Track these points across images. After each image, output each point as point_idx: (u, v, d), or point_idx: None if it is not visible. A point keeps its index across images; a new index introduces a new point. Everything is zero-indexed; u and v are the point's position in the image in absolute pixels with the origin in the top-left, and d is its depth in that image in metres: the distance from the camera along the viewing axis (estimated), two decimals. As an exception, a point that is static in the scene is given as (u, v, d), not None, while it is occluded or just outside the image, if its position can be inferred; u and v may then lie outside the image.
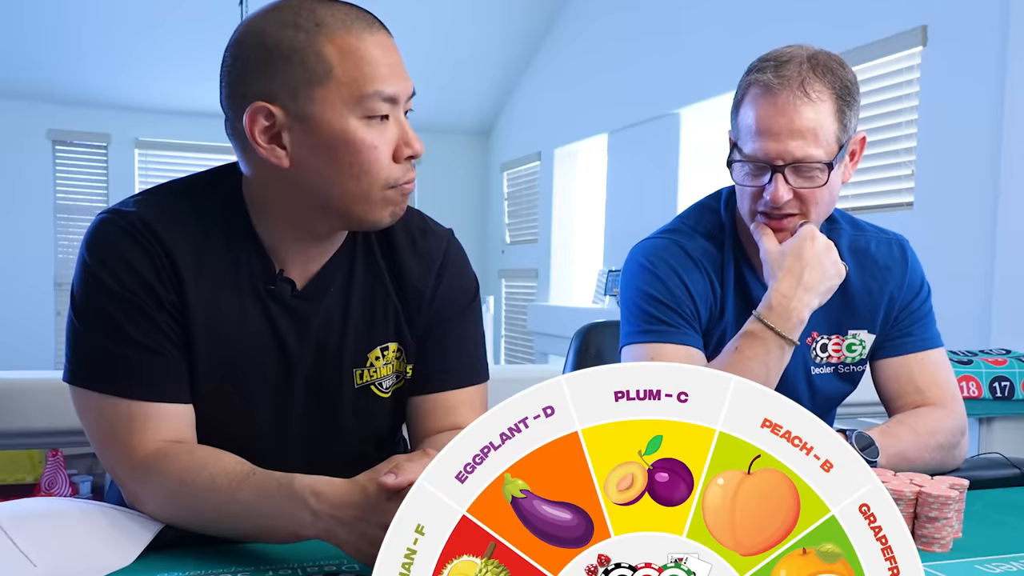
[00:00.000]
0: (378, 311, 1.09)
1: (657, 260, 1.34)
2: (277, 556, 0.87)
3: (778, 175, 1.22)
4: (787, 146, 1.20)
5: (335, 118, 0.94)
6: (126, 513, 0.92)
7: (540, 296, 6.77)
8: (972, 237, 3.05)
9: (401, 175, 0.99)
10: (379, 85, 0.95)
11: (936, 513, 0.93)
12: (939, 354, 1.37)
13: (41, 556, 0.79)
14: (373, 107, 0.95)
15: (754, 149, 1.23)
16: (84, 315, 0.96)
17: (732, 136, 1.30)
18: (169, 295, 0.97)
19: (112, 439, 0.95)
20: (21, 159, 6.68)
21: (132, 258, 0.95)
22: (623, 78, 5.56)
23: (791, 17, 4.07)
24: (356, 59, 0.94)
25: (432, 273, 1.12)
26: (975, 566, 0.89)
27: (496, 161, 7.79)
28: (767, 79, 1.22)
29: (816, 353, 1.36)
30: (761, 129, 1.22)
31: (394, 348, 1.11)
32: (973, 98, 3.07)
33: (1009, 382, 2.41)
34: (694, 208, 1.43)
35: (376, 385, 1.10)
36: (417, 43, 6.19)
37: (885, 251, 1.37)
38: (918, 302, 1.37)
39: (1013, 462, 1.30)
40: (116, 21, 5.85)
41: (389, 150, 0.98)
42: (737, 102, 1.28)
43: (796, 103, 1.20)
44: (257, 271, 1.02)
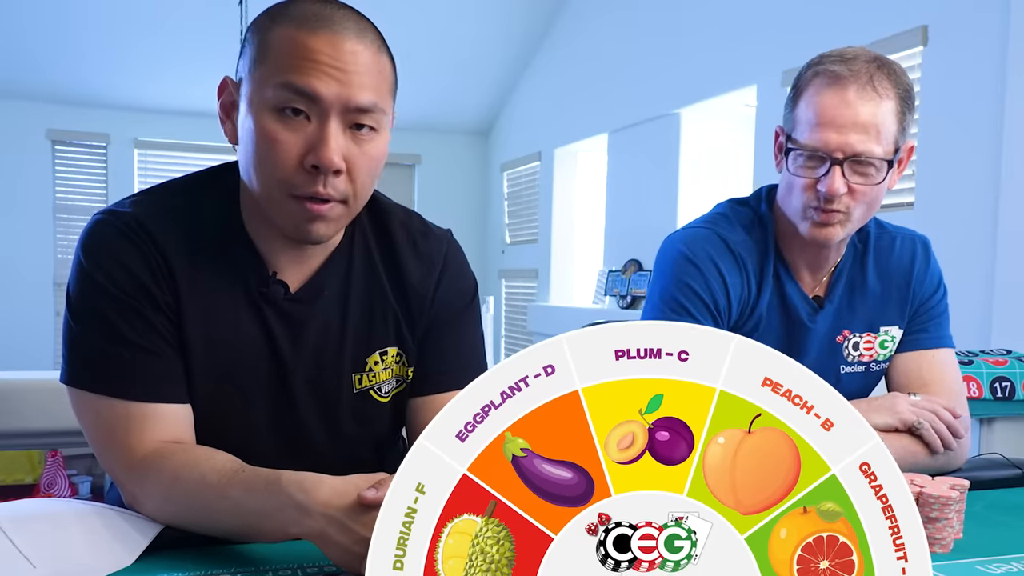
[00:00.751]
0: (377, 315, 1.07)
1: (698, 250, 1.31)
2: (277, 557, 0.86)
3: (836, 168, 1.20)
4: (849, 139, 1.19)
5: (257, 103, 0.92)
6: (126, 514, 0.91)
7: (540, 296, 6.77)
8: (973, 237, 3.05)
9: (302, 183, 0.92)
10: (293, 76, 0.89)
11: (937, 514, 0.93)
12: (949, 354, 1.38)
13: (40, 557, 0.79)
14: (283, 97, 0.90)
15: (814, 139, 1.21)
16: (80, 316, 0.95)
17: (785, 128, 1.28)
18: (164, 295, 0.96)
19: (110, 440, 0.94)
20: (21, 159, 6.67)
21: (127, 259, 0.95)
22: (623, 78, 5.57)
23: (792, 17, 4.07)
24: (288, 48, 0.90)
25: (433, 275, 1.10)
26: (976, 567, 0.88)
27: (496, 161, 7.79)
28: (836, 69, 1.21)
29: (848, 352, 1.36)
30: (824, 120, 1.20)
31: (393, 352, 1.09)
32: (974, 98, 3.07)
33: (1010, 382, 2.40)
34: (728, 203, 1.41)
35: (375, 390, 1.09)
36: (417, 43, 6.21)
37: (909, 248, 1.38)
38: (935, 299, 1.39)
39: (1014, 462, 1.30)
40: (116, 21, 5.85)
41: (295, 151, 0.91)
42: (796, 93, 1.26)
43: (864, 96, 1.19)
44: (250, 273, 1.01)
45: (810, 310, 1.34)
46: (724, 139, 4.90)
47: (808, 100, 1.23)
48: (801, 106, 1.24)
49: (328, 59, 0.90)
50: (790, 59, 4.02)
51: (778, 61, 4.10)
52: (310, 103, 0.90)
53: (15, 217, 6.64)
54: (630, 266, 5.39)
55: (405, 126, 7.23)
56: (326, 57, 0.90)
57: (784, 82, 4.08)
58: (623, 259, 5.49)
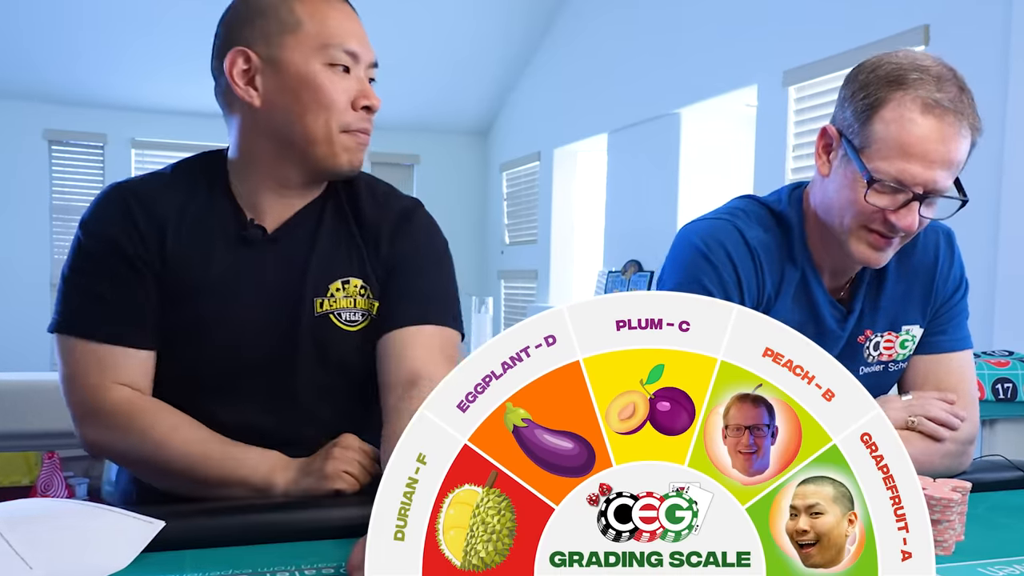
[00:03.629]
0: (342, 249, 1.17)
1: (714, 244, 1.23)
2: (276, 558, 0.86)
3: (915, 203, 1.12)
4: (935, 175, 1.11)
5: (301, 62, 1.09)
6: (123, 515, 0.91)
7: (540, 297, 6.77)
8: (974, 238, 3.04)
9: (355, 121, 1.12)
10: (340, 39, 1.10)
11: (939, 516, 0.92)
12: (967, 357, 1.32)
13: (37, 558, 0.79)
14: (335, 55, 1.10)
15: (899, 170, 1.11)
16: (64, 272, 1.12)
17: (846, 134, 1.17)
18: (141, 250, 1.10)
19: (74, 379, 1.09)
20: (17, 159, 6.67)
21: (107, 221, 1.11)
22: (623, 78, 5.57)
23: (793, 16, 4.07)
24: (322, 16, 1.10)
25: (389, 217, 1.19)
26: (978, 569, 0.87)
27: (495, 161, 7.80)
28: (933, 96, 1.10)
29: (869, 352, 1.30)
30: (916, 152, 1.10)
31: (356, 283, 1.16)
32: (975, 97, 3.06)
33: (1012, 384, 2.40)
34: (748, 198, 1.34)
35: (335, 315, 1.15)
36: (416, 42, 6.21)
37: (933, 242, 1.32)
38: (956, 297, 1.32)
39: (1016, 464, 1.28)
40: (112, 21, 5.85)
41: (347, 97, 1.11)
42: (872, 104, 1.14)
43: (957, 133, 1.10)
44: (230, 220, 1.14)
45: (838, 316, 1.28)
46: (725, 139, 4.90)
47: (896, 121, 1.11)
48: (880, 124, 1.12)
49: (353, 26, 1.13)
50: (791, 58, 4.02)
51: (779, 60, 4.10)
52: (353, 61, 1.11)
53: (11, 217, 6.64)
54: (630, 267, 5.39)
55: (404, 126, 7.23)
56: (351, 25, 1.12)
57: (785, 82, 4.08)
58: (623, 260, 5.49)
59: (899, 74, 1.12)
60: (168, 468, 1.06)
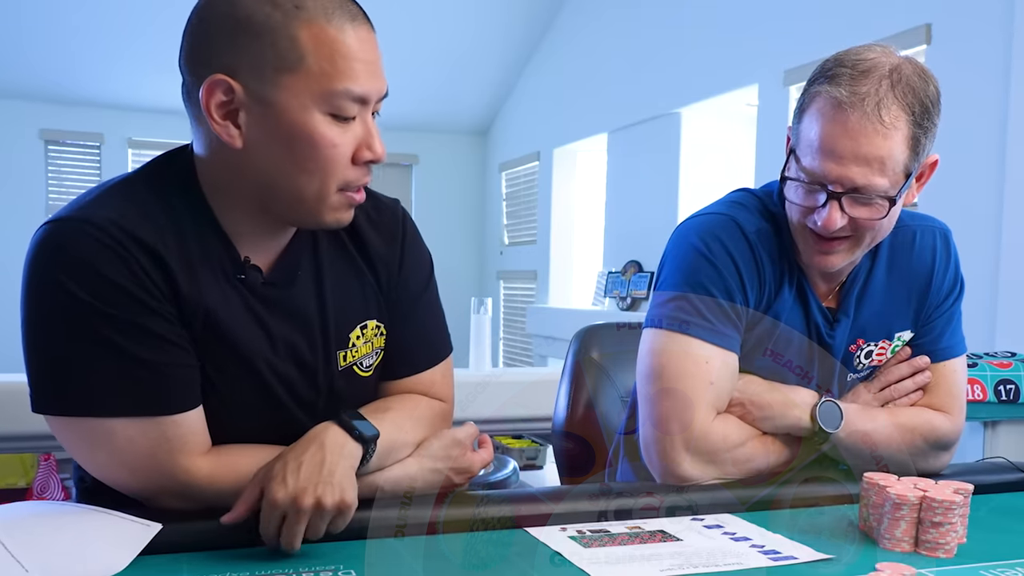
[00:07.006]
0: (354, 288, 1.07)
1: (713, 242, 1.19)
2: (274, 560, 0.86)
3: (833, 201, 1.10)
4: (849, 171, 1.08)
5: (299, 109, 0.89)
6: (120, 517, 0.90)
7: (539, 298, 6.74)
8: (976, 238, 3.02)
9: (357, 178, 0.95)
10: (350, 83, 0.90)
11: (940, 518, 0.92)
12: (961, 362, 1.29)
13: (33, 561, 0.78)
14: (341, 106, 0.90)
15: (812, 166, 1.10)
16: (76, 340, 0.91)
17: (791, 139, 1.17)
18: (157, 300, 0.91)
19: (151, 461, 0.91)
20: (13, 159, 6.68)
21: (113, 272, 0.89)
22: (623, 77, 5.55)
23: (793, 15, 4.05)
24: (331, 51, 0.89)
25: (396, 245, 1.11)
26: (980, 571, 0.87)
27: (495, 161, 7.78)
28: (838, 94, 1.08)
29: (859, 360, 1.27)
30: (824, 148, 1.09)
31: (373, 325, 1.09)
32: (977, 97, 3.05)
33: (1015, 385, 2.38)
34: (739, 191, 1.30)
35: (358, 365, 1.08)
36: (415, 42, 6.18)
37: (930, 243, 1.27)
38: (950, 301, 1.28)
39: (1018, 466, 1.28)
40: (109, 20, 5.84)
41: (350, 150, 0.93)
42: (802, 107, 1.14)
43: (867, 128, 1.07)
44: (225, 259, 0.97)
45: (827, 325, 1.24)
46: (725, 139, 4.88)
47: (810, 120, 1.12)
48: (804, 123, 1.13)
49: (368, 57, 0.91)
50: (792, 58, 3.99)
51: (780, 60, 4.07)
52: (361, 106, 0.93)
53: (7, 217, 6.64)
54: (630, 267, 5.35)
55: (402, 126, 7.21)
56: (366, 56, 0.91)
57: (786, 81, 4.05)
58: (623, 260, 5.46)
59: (828, 71, 1.12)
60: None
